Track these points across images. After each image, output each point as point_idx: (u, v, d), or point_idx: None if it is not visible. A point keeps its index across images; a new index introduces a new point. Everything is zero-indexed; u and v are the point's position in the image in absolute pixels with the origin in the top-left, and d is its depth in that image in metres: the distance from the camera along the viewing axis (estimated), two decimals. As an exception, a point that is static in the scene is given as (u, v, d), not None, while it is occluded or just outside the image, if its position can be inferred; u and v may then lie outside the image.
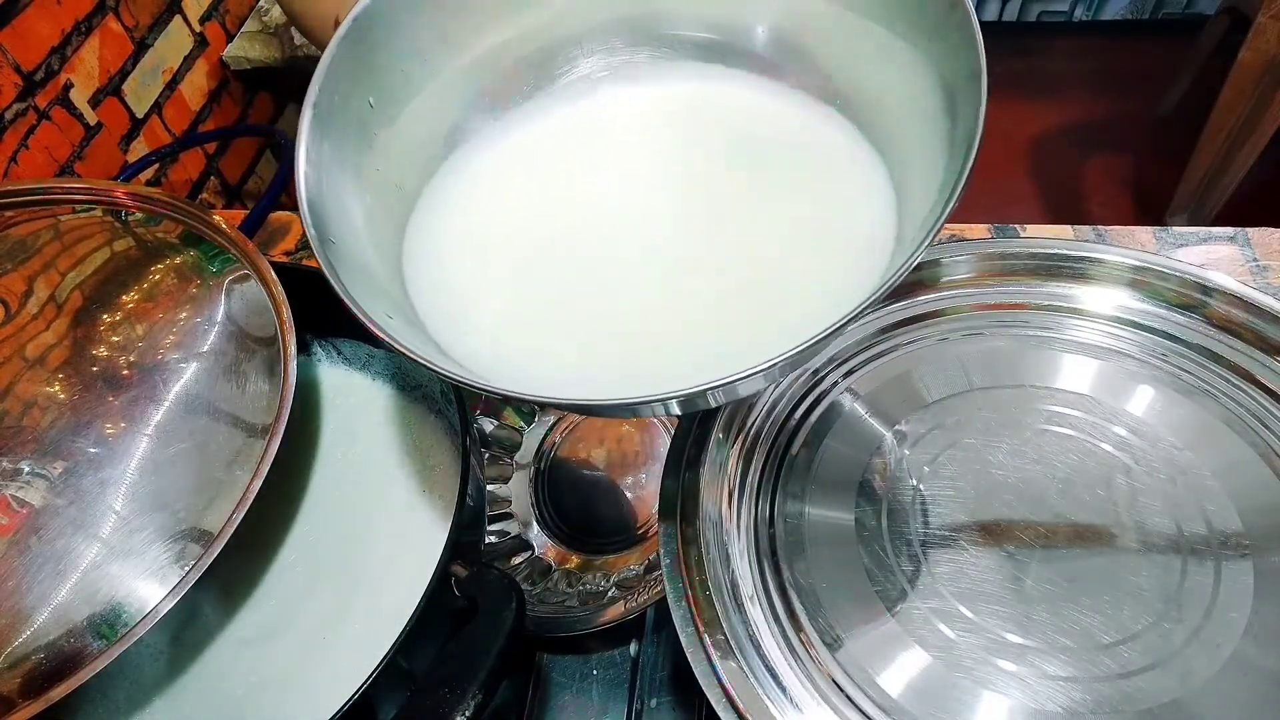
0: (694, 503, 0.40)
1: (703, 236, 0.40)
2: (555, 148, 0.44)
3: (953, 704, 0.33)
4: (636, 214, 0.42)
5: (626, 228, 0.41)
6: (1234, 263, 0.63)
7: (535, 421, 0.60)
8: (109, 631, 0.32)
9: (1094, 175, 1.82)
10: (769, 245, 0.39)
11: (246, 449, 0.36)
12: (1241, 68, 1.36)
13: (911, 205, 0.36)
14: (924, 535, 0.38)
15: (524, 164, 0.43)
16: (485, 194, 0.42)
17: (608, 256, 0.40)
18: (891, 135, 0.39)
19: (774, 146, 0.42)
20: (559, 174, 0.43)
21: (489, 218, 0.42)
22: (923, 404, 0.42)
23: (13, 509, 0.34)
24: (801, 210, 0.40)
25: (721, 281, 0.39)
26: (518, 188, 0.43)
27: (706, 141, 0.43)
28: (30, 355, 0.38)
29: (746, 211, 0.41)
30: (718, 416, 0.43)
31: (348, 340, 0.48)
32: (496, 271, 0.40)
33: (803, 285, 0.38)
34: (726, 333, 0.37)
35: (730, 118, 0.43)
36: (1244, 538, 0.36)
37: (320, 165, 0.35)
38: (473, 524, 0.39)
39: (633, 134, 0.44)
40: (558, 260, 0.40)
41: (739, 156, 0.42)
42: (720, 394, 0.31)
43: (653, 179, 0.43)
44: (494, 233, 0.41)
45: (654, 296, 0.39)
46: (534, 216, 0.42)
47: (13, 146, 0.97)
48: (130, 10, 1.14)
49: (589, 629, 0.47)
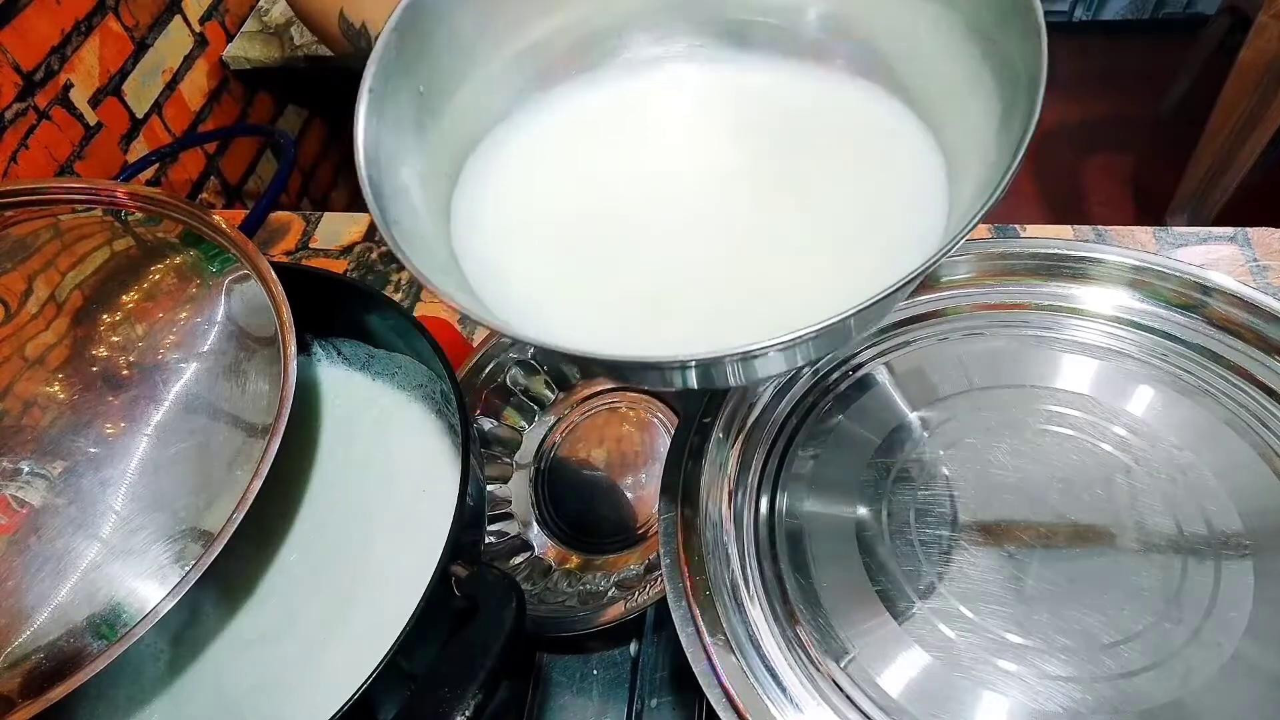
0: (694, 503, 0.40)
1: (748, 211, 0.40)
2: (601, 123, 0.44)
3: (953, 704, 0.33)
4: (684, 187, 0.42)
5: (673, 200, 0.41)
6: (1234, 263, 0.63)
7: (535, 421, 0.60)
8: (109, 631, 0.32)
9: (1094, 175, 1.82)
10: (816, 223, 0.39)
11: (246, 449, 0.36)
12: (1242, 67, 1.36)
13: (963, 188, 0.36)
14: (924, 535, 0.38)
15: (570, 138, 0.44)
16: (532, 166, 0.43)
17: (655, 228, 0.40)
18: (946, 119, 0.39)
19: (823, 125, 0.42)
20: (605, 148, 0.43)
21: (534, 189, 0.42)
22: (923, 404, 0.42)
23: (13, 509, 0.34)
24: (851, 189, 0.40)
25: (769, 251, 0.39)
26: (564, 160, 0.43)
27: (755, 120, 0.43)
28: (30, 355, 0.38)
29: (794, 188, 0.41)
30: (718, 416, 0.43)
31: (348, 340, 0.48)
32: (540, 241, 0.40)
33: (849, 263, 0.37)
34: (767, 305, 0.37)
35: (779, 97, 0.43)
36: (1244, 538, 0.36)
37: (378, 148, 0.36)
38: (473, 524, 0.39)
39: (680, 111, 0.44)
40: (602, 231, 0.40)
41: (787, 133, 0.42)
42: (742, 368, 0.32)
43: (699, 154, 0.43)
44: (539, 204, 0.42)
45: (700, 267, 0.39)
46: (579, 189, 0.42)
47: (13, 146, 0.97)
48: (130, 10, 1.13)
49: (589, 629, 0.47)
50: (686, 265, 0.39)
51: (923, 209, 0.37)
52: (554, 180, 0.42)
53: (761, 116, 0.43)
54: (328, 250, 0.79)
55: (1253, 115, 1.38)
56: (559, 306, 0.38)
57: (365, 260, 0.77)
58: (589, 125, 0.44)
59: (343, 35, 0.67)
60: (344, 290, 0.45)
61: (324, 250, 0.79)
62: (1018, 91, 0.33)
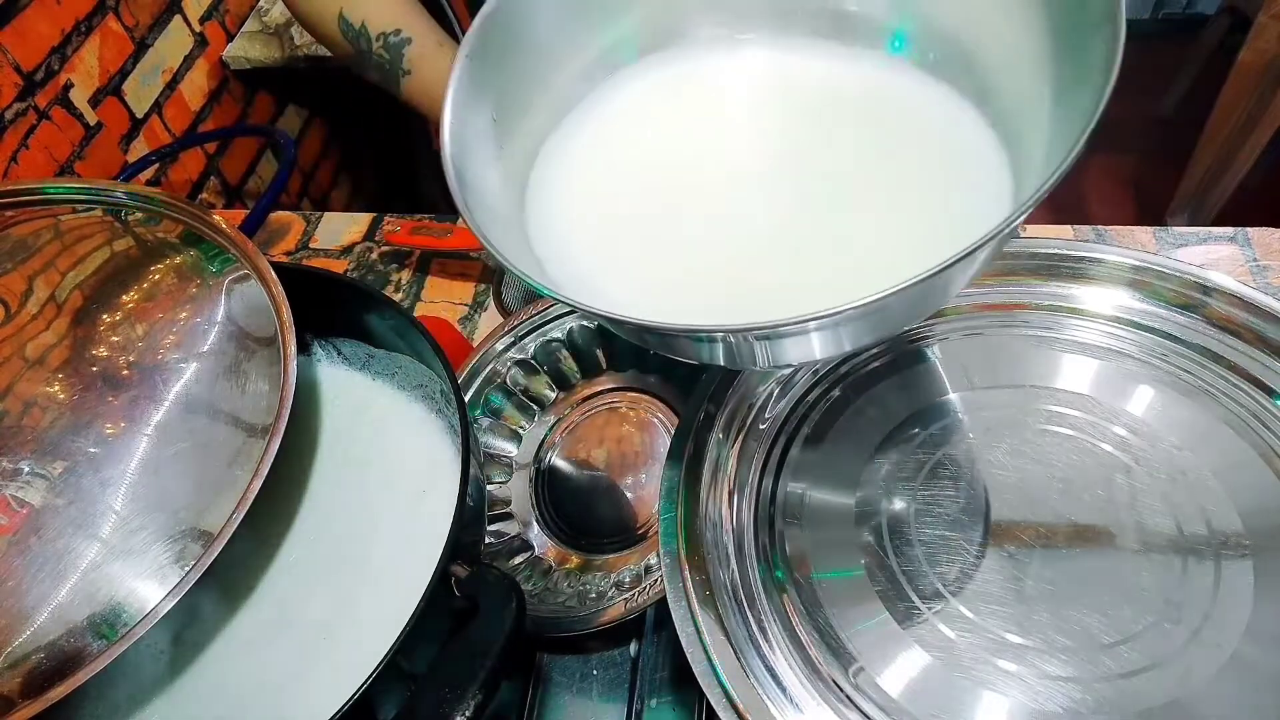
0: (694, 502, 0.40)
1: (810, 196, 0.41)
2: (666, 104, 0.45)
3: (953, 704, 0.33)
4: (746, 170, 0.42)
5: (735, 182, 0.42)
6: (1234, 263, 0.63)
7: (535, 421, 0.60)
8: (109, 631, 0.32)
9: (1094, 175, 1.82)
10: (878, 211, 0.39)
11: (246, 449, 0.36)
12: (1242, 67, 1.36)
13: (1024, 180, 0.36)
14: (924, 535, 0.38)
15: (638, 118, 0.44)
16: (598, 151, 0.43)
17: (717, 209, 0.41)
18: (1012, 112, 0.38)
19: (891, 117, 0.42)
20: (673, 128, 0.44)
21: (601, 171, 0.43)
22: (923, 404, 0.42)
23: (13, 509, 0.34)
24: (914, 180, 0.40)
25: (826, 241, 0.39)
26: (632, 139, 0.44)
27: (822, 105, 0.44)
28: (30, 355, 0.38)
29: (858, 176, 0.41)
30: (718, 415, 0.43)
31: (348, 340, 0.48)
32: (606, 223, 0.41)
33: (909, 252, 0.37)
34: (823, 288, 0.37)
35: (849, 85, 0.43)
36: (1244, 538, 0.36)
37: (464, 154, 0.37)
38: (473, 524, 0.39)
39: (745, 94, 0.45)
40: (668, 210, 0.41)
41: (854, 123, 0.43)
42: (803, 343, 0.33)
43: (763, 137, 0.43)
44: (605, 186, 0.42)
45: (760, 248, 0.39)
46: (644, 169, 0.43)
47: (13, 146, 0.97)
48: (130, 10, 1.13)
49: (589, 629, 0.47)
50: (747, 245, 0.39)
51: (984, 203, 0.37)
52: (620, 163, 0.43)
53: (829, 104, 0.43)
54: (328, 250, 0.79)
55: (1252, 115, 1.38)
56: (622, 283, 0.38)
57: (365, 260, 0.77)
58: (654, 109, 0.45)
59: (342, 36, 0.67)
60: (344, 290, 0.45)
61: (324, 250, 0.79)
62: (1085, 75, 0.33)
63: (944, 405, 0.42)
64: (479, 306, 0.72)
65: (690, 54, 0.45)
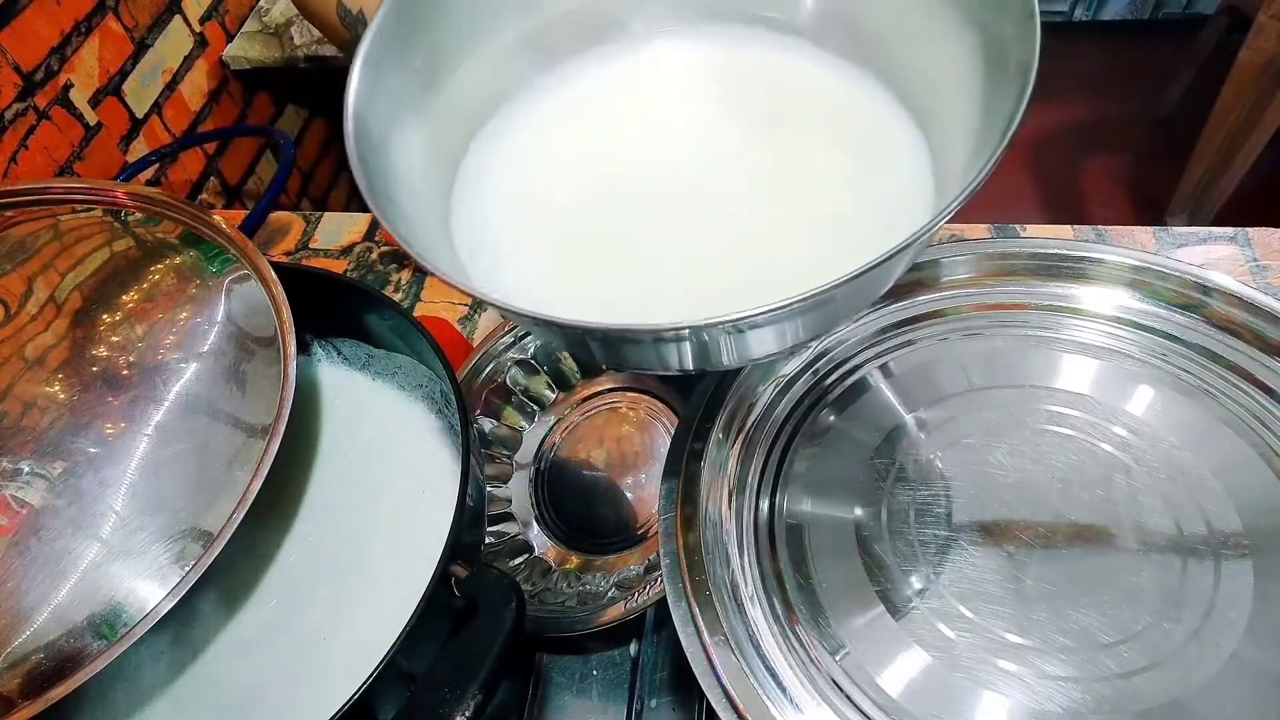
0: (694, 503, 0.40)
1: (742, 191, 0.42)
2: (602, 100, 0.46)
3: (953, 704, 0.33)
4: (677, 168, 0.43)
5: (668, 178, 0.43)
6: (1234, 263, 0.63)
7: (535, 421, 0.60)
8: (109, 631, 0.32)
9: (1094, 175, 1.82)
10: (807, 203, 0.40)
11: (246, 449, 0.36)
12: (1241, 67, 1.36)
13: (947, 172, 0.37)
14: (924, 535, 0.38)
15: (571, 115, 0.45)
16: (535, 142, 0.44)
17: (648, 204, 0.42)
18: (934, 109, 0.40)
19: (818, 111, 0.43)
20: (605, 125, 0.45)
21: (536, 164, 0.43)
22: (923, 404, 0.42)
23: (13, 509, 0.34)
24: (841, 165, 0.41)
25: (757, 234, 0.40)
26: (563, 137, 0.44)
27: (749, 101, 0.45)
28: (30, 355, 0.38)
29: (787, 169, 0.42)
30: (718, 416, 0.43)
31: (348, 340, 0.48)
32: (536, 219, 0.41)
33: (839, 241, 0.39)
34: (757, 280, 0.38)
35: (773, 78, 0.45)
36: (1244, 538, 0.36)
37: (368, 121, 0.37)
38: (473, 524, 0.39)
39: (675, 92, 0.46)
40: (599, 206, 0.42)
41: (780, 115, 0.44)
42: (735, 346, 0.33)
43: (693, 136, 0.44)
44: (538, 178, 0.43)
45: (689, 243, 0.40)
46: (579, 165, 0.44)
47: (12, 146, 0.97)
48: (130, 10, 1.13)
49: (589, 629, 0.47)
50: (679, 244, 0.40)
51: (908, 195, 0.38)
52: (552, 159, 0.44)
53: (756, 97, 0.45)
54: (328, 250, 0.79)
55: (1251, 115, 1.37)
56: (550, 282, 0.39)
57: (365, 260, 0.77)
58: (587, 106, 0.45)
59: (341, 22, 0.68)
60: (344, 290, 0.45)
61: (324, 250, 0.79)
62: (1008, 80, 0.33)
63: (944, 405, 0.42)
64: (479, 306, 0.72)
65: (625, 49, 0.46)
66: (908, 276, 0.47)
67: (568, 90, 0.45)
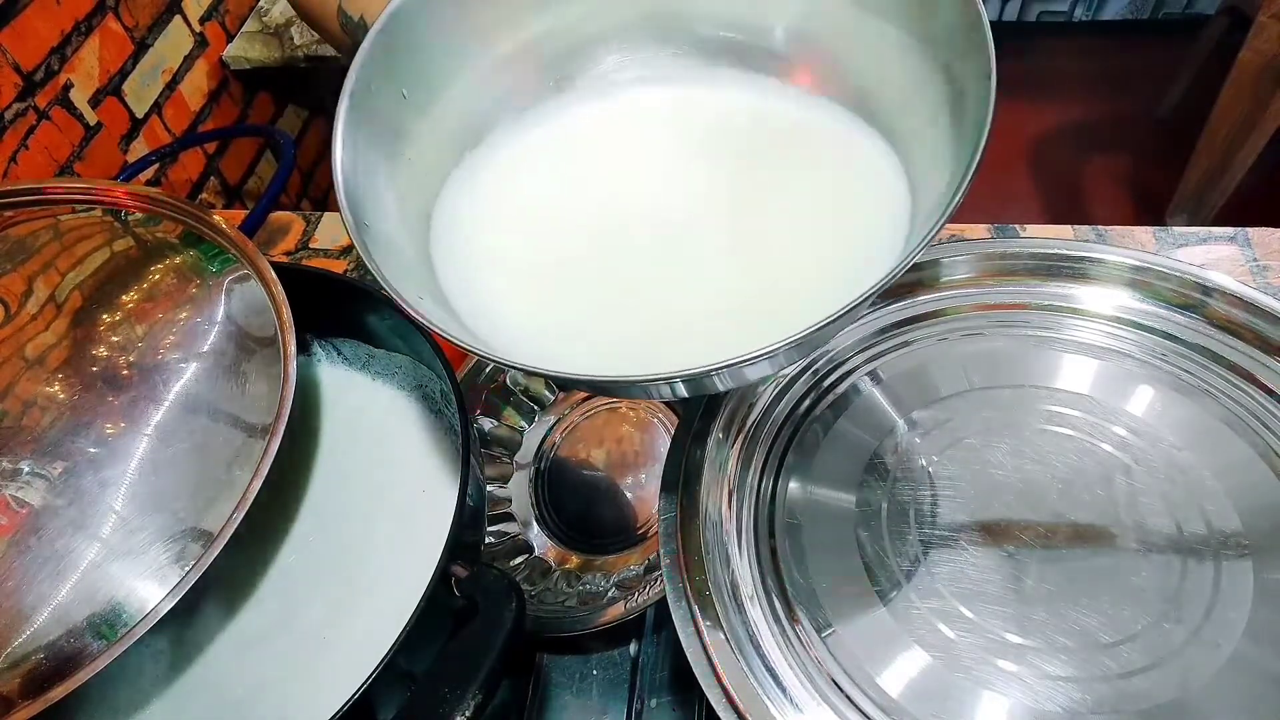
0: (694, 503, 0.40)
1: (720, 229, 0.41)
2: (577, 142, 0.45)
3: (953, 704, 0.33)
4: (655, 207, 0.43)
5: (645, 219, 0.42)
6: (1234, 263, 0.63)
7: (535, 421, 0.60)
8: (109, 631, 0.32)
9: (1094, 175, 1.82)
10: (786, 237, 0.40)
11: (246, 449, 0.36)
12: (1241, 67, 1.36)
13: (924, 200, 0.37)
14: (924, 535, 0.38)
15: (546, 157, 0.45)
16: (509, 185, 0.44)
17: (627, 247, 0.41)
18: (905, 135, 0.40)
19: (791, 144, 0.43)
20: (580, 168, 0.45)
21: (511, 208, 0.43)
22: (923, 404, 0.42)
23: (13, 509, 0.34)
24: (818, 204, 0.41)
25: (737, 270, 0.40)
26: (540, 180, 0.44)
27: (724, 140, 0.44)
28: (30, 355, 0.38)
29: (764, 205, 0.42)
30: (718, 416, 0.43)
31: (348, 340, 0.48)
32: (518, 259, 0.41)
33: (819, 274, 0.39)
34: (741, 318, 0.38)
35: (748, 116, 0.44)
36: (1244, 538, 0.36)
37: (356, 151, 0.37)
38: (473, 524, 0.39)
39: (653, 131, 0.45)
40: (578, 250, 0.42)
41: (756, 152, 0.44)
42: (728, 376, 0.33)
43: (670, 177, 0.44)
44: (515, 222, 0.43)
45: (670, 285, 0.40)
46: (555, 208, 0.43)
47: (12, 146, 0.97)
48: (130, 10, 1.13)
49: (589, 629, 0.47)
50: (657, 283, 0.40)
51: (886, 225, 0.38)
52: (533, 198, 0.43)
53: (731, 136, 0.44)
54: (328, 250, 0.79)
55: (1251, 115, 1.37)
56: (532, 332, 0.39)
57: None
58: (566, 145, 0.45)
59: (342, 29, 0.67)
60: (344, 290, 0.45)
61: (324, 250, 0.79)
62: (970, 111, 0.34)
63: (944, 405, 0.42)
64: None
65: (594, 90, 0.46)
66: (907, 277, 0.47)
67: (534, 135, 0.45)
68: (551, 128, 0.45)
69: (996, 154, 1.99)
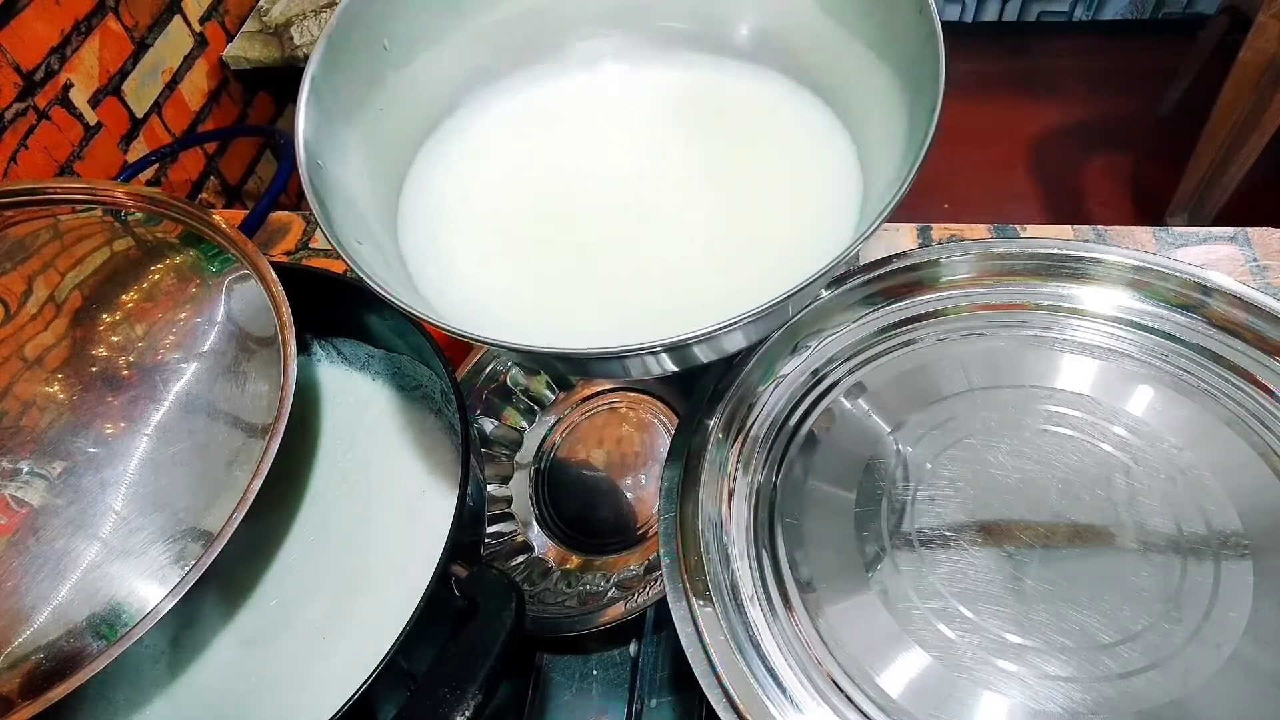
0: (694, 503, 0.40)
1: (683, 200, 0.43)
2: (546, 115, 0.47)
3: (953, 704, 0.33)
4: (617, 183, 0.45)
5: (607, 195, 0.44)
6: (1234, 263, 0.63)
7: (535, 421, 0.60)
8: (109, 631, 0.32)
9: (1094, 175, 1.82)
10: (747, 209, 0.42)
11: (246, 449, 0.36)
12: (1241, 67, 1.36)
13: (877, 183, 0.39)
14: (924, 535, 0.38)
15: (517, 129, 0.47)
16: (479, 155, 0.45)
17: (592, 217, 0.43)
18: (860, 119, 0.42)
19: (752, 121, 0.45)
20: (549, 140, 0.46)
21: (481, 177, 0.45)
22: (923, 404, 0.42)
23: (12, 509, 0.34)
24: (777, 178, 0.43)
25: (700, 241, 0.42)
26: (510, 151, 0.46)
27: (687, 116, 0.47)
28: (30, 355, 0.38)
29: (725, 178, 0.44)
30: (718, 416, 0.43)
31: (348, 340, 0.48)
32: (485, 228, 0.43)
33: (779, 247, 0.41)
34: (703, 288, 0.40)
35: (713, 96, 0.47)
36: (1244, 538, 0.36)
37: (326, 91, 0.38)
38: (473, 524, 0.39)
39: (619, 107, 0.48)
40: (544, 220, 0.43)
41: (717, 128, 0.46)
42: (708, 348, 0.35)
43: (633, 151, 0.46)
44: (484, 191, 0.44)
45: (634, 256, 0.41)
46: (523, 178, 0.45)
47: (12, 146, 0.97)
48: (130, 10, 1.13)
49: (589, 629, 0.47)
50: (621, 255, 0.42)
51: (840, 204, 0.40)
52: (503, 168, 0.45)
53: (693, 113, 0.47)
54: (328, 250, 0.79)
55: (1252, 115, 1.37)
56: (496, 302, 0.40)
57: (365, 260, 0.77)
58: (527, 121, 0.47)
59: None
60: (344, 290, 0.46)
61: (324, 250, 0.79)
62: (922, 97, 0.35)
63: (943, 405, 0.42)
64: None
65: (563, 66, 0.48)
66: (907, 277, 0.47)
67: (502, 108, 0.47)
68: (523, 99, 0.47)
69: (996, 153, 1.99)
